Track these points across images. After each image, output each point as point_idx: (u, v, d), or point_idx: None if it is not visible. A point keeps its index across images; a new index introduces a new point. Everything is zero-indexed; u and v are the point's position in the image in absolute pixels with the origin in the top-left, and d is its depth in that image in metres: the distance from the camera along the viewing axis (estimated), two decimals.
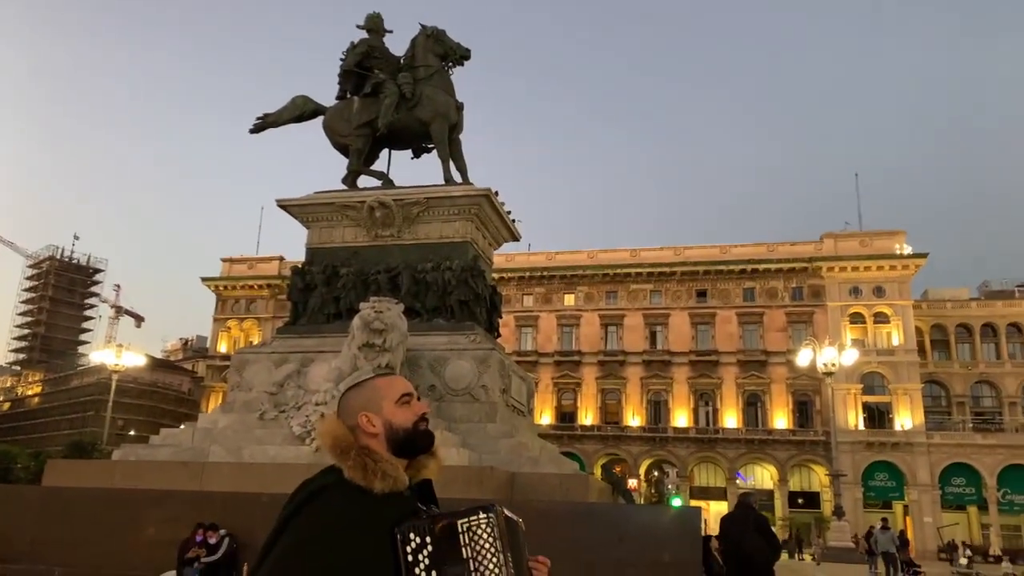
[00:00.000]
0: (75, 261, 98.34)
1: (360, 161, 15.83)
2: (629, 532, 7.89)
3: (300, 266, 15.32)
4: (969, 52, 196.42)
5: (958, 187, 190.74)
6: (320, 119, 16.26)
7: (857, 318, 55.01)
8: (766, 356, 55.28)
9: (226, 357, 63.03)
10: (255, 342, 61.57)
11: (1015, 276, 65.46)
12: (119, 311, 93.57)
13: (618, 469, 53.15)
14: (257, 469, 10.87)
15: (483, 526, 1.86)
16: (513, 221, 16.19)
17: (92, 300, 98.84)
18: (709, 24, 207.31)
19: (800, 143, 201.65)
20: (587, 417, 57.20)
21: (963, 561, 34.77)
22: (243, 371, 13.77)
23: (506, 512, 1.94)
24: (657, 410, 56.76)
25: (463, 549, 1.82)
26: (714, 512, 49.11)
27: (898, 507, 51.76)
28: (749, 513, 7.85)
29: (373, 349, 12.57)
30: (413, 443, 2.00)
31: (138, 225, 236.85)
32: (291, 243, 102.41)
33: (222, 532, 9.10)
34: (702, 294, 57.62)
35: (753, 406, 55.78)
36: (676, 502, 52.79)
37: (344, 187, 15.70)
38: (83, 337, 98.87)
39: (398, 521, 1.82)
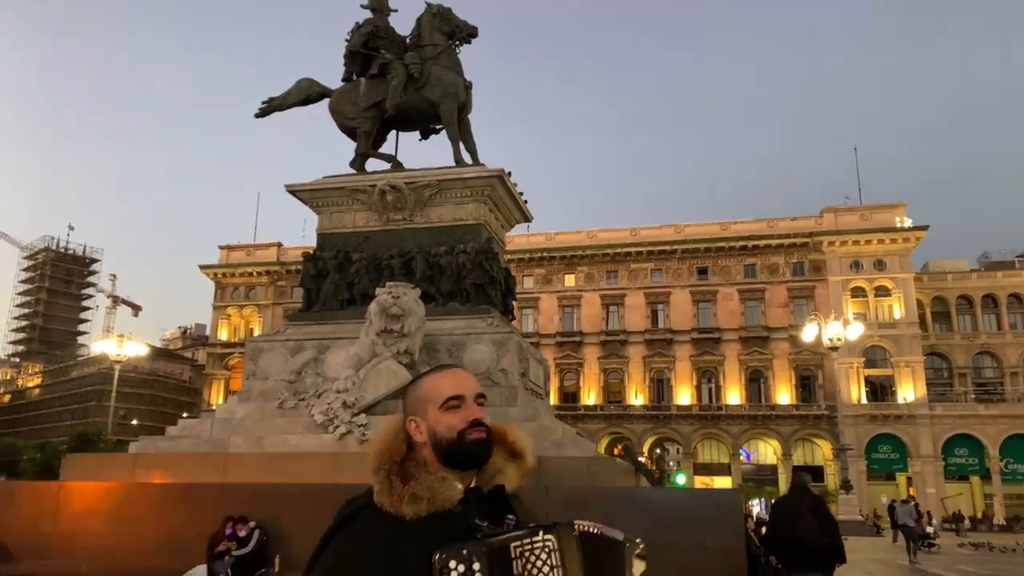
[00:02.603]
0: (71, 252, 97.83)
1: (368, 144, 15.56)
2: (667, 516, 7.76)
3: (312, 252, 15.09)
4: (968, 27, 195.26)
5: (958, 159, 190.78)
6: (325, 102, 15.97)
7: (858, 292, 55.06)
8: (768, 332, 55.35)
9: (227, 344, 62.92)
10: (255, 329, 61.42)
11: (1015, 246, 65.50)
12: (116, 301, 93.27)
13: (617, 450, 53.27)
14: (280, 459, 10.72)
15: (536, 551, 1.56)
16: (525, 202, 15.97)
17: (89, 291, 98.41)
18: (711, 5, 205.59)
19: (800, 118, 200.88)
20: (590, 397, 57.32)
21: (929, 530, 34.23)
22: (258, 359, 13.57)
23: (583, 528, 1.63)
24: (660, 388, 56.88)
25: None
26: (717, 487, 49.38)
27: (901, 479, 52.14)
28: (803, 495, 7.72)
29: (391, 335, 12.39)
30: (456, 456, 1.73)
31: (133, 215, 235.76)
32: (289, 229, 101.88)
33: (251, 524, 8.96)
34: (703, 272, 57.57)
35: (756, 382, 55.92)
36: (680, 479, 53.08)
37: (353, 171, 15.44)
38: (81, 328, 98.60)
39: (441, 544, 1.57)
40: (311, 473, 10.15)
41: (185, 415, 51.14)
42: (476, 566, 1.52)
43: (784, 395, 54.93)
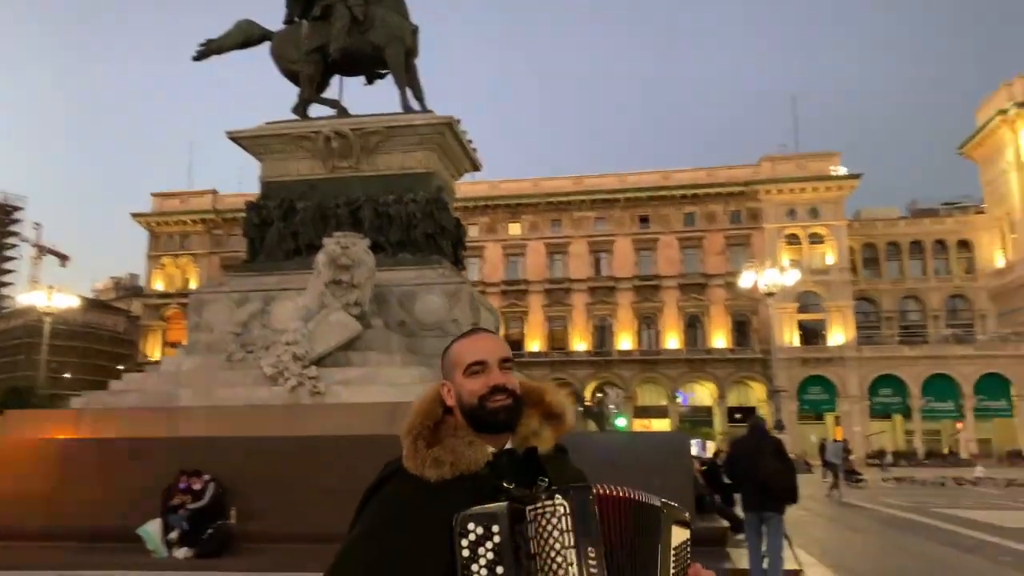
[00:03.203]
0: None
1: (312, 89, 15.13)
2: (621, 459, 8.01)
3: (255, 201, 14.72)
4: None
5: (891, 108, 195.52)
6: (266, 45, 15.40)
7: (793, 239, 56.60)
8: (706, 279, 56.66)
9: (162, 295, 61.31)
10: (192, 279, 59.92)
11: (941, 194, 68.02)
12: (41, 250, 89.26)
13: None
14: (231, 412, 10.62)
15: (548, 515, 1.51)
16: (474, 150, 15.83)
17: (11, 240, 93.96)
18: None
19: (740, 66, 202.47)
20: (534, 344, 57.98)
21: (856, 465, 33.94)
22: (202, 311, 13.32)
23: (603, 492, 1.56)
24: (602, 334, 57.91)
25: (531, 543, 1.51)
26: (656, 429, 50.99)
27: (830, 418, 54.54)
28: (763, 437, 8.04)
29: (341, 286, 12.26)
30: (479, 421, 1.72)
31: (58, 162, 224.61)
32: (224, 177, 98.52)
33: (206, 477, 8.90)
34: (645, 220, 58.28)
35: (693, 327, 57.40)
36: (620, 421, 54.50)
37: (296, 117, 15.03)
38: (5, 279, 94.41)
39: (466, 507, 1.55)
40: (263, 426, 10.10)
41: (121, 367, 49.91)
42: (495, 528, 1.52)
43: (720, 339, 56.56)
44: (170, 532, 8.85)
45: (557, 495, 1.53)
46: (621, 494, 1.59)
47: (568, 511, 1.51)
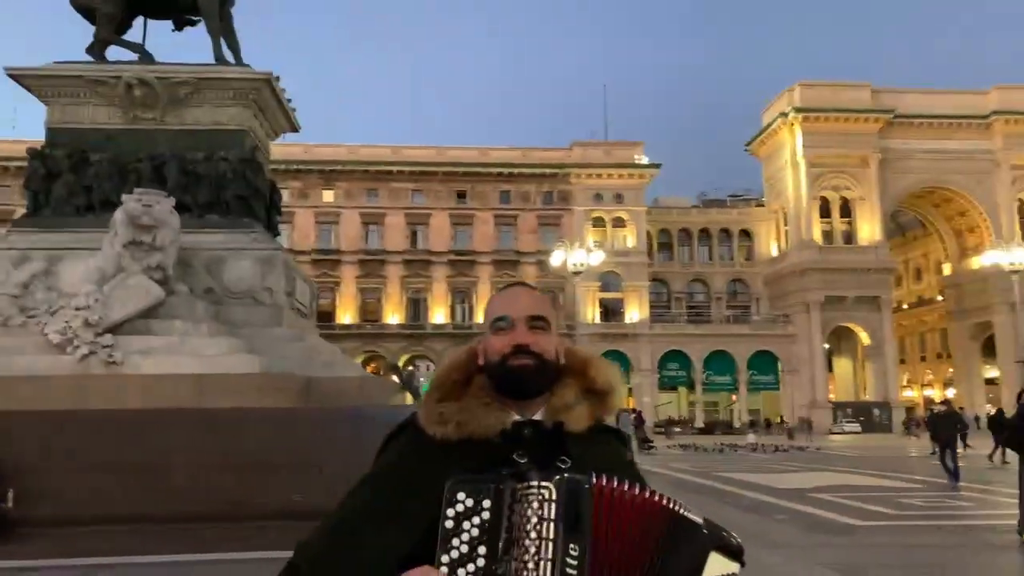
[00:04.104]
0: None
1: (111, 29, 13.66)
2: None
3: (39, 148, 13.12)
4: None
5: (687, 103, 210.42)
6: None
7: (599, 222, 59.85)
8: (518, 256, 58.41)
9: None
10: None
11: (728, 187, 74.68)
12: None
13: (371, 368, 53.88)
14: (8, 383, 9.44)
15: (531, 498, 1.34)
16: (293, 110, 15.12)
17: None
18: None
19: (556, 50, 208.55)
20: (347, 316, 56.87)
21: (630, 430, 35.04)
22: None
23: (607, 485, 1.36)
24: (417, 308, 57.97)
25: (516, 527, 1.35)
26: None
27: (624, 389, 58.59)
28: None
29: (141, 247, 11.27)
30: (498, 382, 1.56)
31: None
32: None
33: None
34: (462, 195, 58.86)
35: None
36: None
37: (91, 58, 13.55)
38: None
39: (463, 473, 1.41)
40: (49, 399, 9.14)
41: None
42: (486, 503, 1.36)
43: None
44: None
45: (548, 479, 1.36)
46: (634, 493, 1.38)
47: (551, 497, 1.33)
